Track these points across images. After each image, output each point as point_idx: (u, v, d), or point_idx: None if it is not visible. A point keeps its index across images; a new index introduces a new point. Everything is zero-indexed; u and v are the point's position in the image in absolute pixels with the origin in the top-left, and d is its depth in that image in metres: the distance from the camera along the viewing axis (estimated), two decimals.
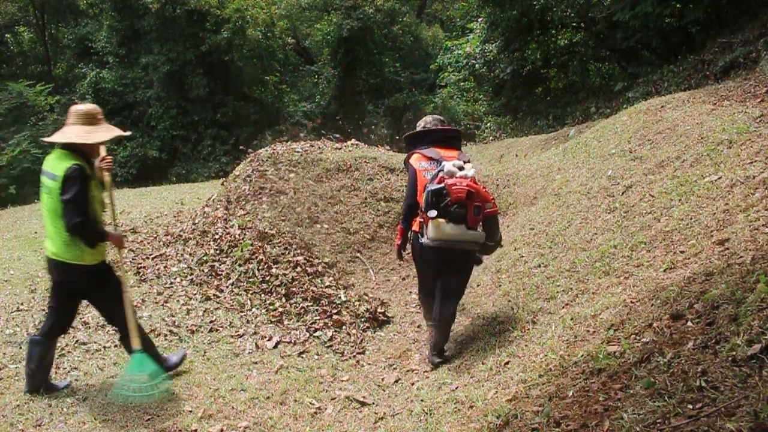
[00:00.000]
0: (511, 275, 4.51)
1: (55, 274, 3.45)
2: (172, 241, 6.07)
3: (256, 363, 4.08)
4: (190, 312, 4.75)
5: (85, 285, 3.47)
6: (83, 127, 3.44)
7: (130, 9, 17.56)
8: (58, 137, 3.44)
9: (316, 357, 4.23)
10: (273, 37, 18.41)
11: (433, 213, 3.39)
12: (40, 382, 3.46)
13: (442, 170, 3.53)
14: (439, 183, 3.45)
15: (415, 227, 3.72)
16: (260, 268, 5.23)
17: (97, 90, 17.30)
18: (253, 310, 4.87)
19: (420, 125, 4.02)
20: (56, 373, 3.72)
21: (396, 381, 3.70)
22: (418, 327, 4.54)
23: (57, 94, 19.09)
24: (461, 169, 3.56)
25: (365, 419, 3.26)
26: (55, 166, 3.35)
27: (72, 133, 3.41)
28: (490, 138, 14.05)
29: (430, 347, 3.85)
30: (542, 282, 3.96)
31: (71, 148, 3.40)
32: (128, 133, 4.03)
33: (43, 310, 4.48)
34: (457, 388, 3.23)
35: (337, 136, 9.00)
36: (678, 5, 9.58)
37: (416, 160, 3.77)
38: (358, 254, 5.96)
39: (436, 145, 3.80)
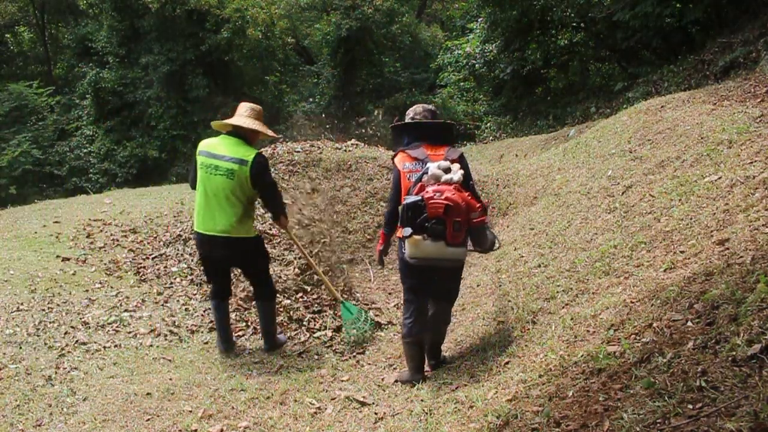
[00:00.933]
0: (511, 275, 4.51)
1: (220, 249, 3.83)
2: (172, 241, 6.07)
3: (256, 363, 4.08)
4: (190, 312, 4.75)
5: (235, 256, 3.93)
6: (255, 121, 3.92)
7: (130, 9, 17.57)
8: (242, 122, 3.87)
9: (316, 357, 4.23)
10: (273, 37, 18.42)
11: (407, 231, 3.12)
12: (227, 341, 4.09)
13: (426, 173, 3.22)
14: (418, 193, 3.14)
15: (399, 233, 3.34)
16: None
17: (97, 90, 17.31)
18: (254, 310, 4.87)
19: (408, 116, 3.60)
20: (56, 372, 3.72)
21: (396, 381, 3.70)
22: None
23: (57, 94, 19.10)
24: (448, 171, 3.24)
25: (365, 419, 3.26)
26: (237, 151, 3.77)
27: (253, 123, 3.89)
28: (490, 138, 14.05)
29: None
30: (542, 282, 3.96)
31: (242, 137, 3.86)
32: (279, 137, 4.70)
33: (43, 310, 4.49)
34: (457, 388, 3.23)
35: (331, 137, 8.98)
36: (678, 5, 9.58)
37: (401, 161, 3.43)
38: (358, 254, 5.96)
39: (423, 141, 3.45)
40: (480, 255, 5.49)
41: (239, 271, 4.75)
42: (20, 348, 3.96)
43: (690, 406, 1.89)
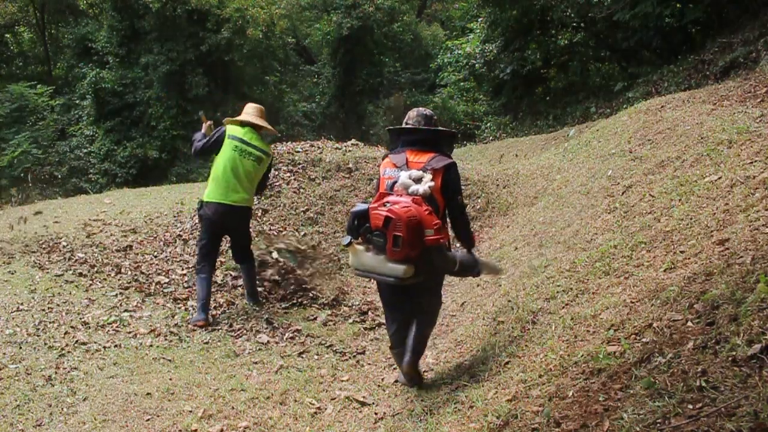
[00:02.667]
0: (511, 275, 4.51)
1: (235, 216, 4.61)
2: (171, 241, 6.07)
3: (256, 363, 4.08)
4: (190, 312, 4.75)
5: (240, 223, 4.72)
6: (264, 120, 4.81)
7: (130, 9, 17.56)
8: (259, 121, 4.74)
9: (316, 357, 4.23)
10: (273, 37, 18.42)
11: (345, 240, 3.07)
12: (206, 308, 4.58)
13: (397, 181, 3.13)
14: (376, 201, 3.04)
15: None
16: (261, 267, 5.23)
17: (97, 90, 17.30)
18: (255, 309, 4.87)
19: (405, 120, 3.50)
20: (56, 372, 3.72)
21: (396, 381, 3.70)
22: None
23: (57, 94, 19.09)
24: (419, 180, 3.10)
25: (365, 419, 3.26)
26: (262, 144, 4.73)
27: (264, 122, 4.78)
28: (490, 138, 14.04)
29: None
30: (542, 282, 3.96)
31: (258, 131, 4.75)
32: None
33: (43, 310, 4.49)
34: (457, 388, 3.23)
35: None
36: (678, 5, 9.58)
37: (383, 166, 3.36)
38: None
39: (410, 147, 3.32)
40: (480, 255, 5.50)
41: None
42: (20, 348, 3.96)
43: (690, 406, 1.89)
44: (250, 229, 5.08)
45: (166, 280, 5.30)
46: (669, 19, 9.68)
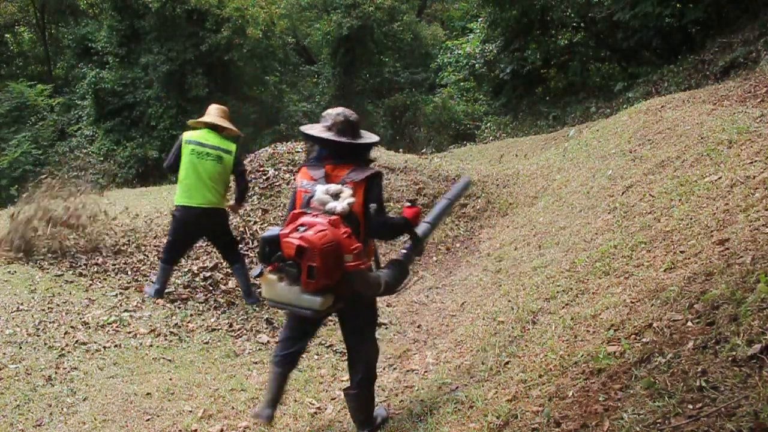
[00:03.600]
0: (511, 275, 4.51)
1: (206, 218, 4.71)
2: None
3: (256, 363, 4.07)
4: (189, 312, 4.75)
5: (215, 225, 4.81)
6: (226, 120, 4.88)
7: (130, 9, 17.56)
8: (217, 121, 4.81)
9: (316, 357, 4.23)
10: (273, 37, 18.41)
11: (255, 272, 2.70)
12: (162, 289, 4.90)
13: (313, 196, 2.73)
14: (290, 221, 2.65)
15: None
16: None
17: (97, 90, 17.30)
18: (254, 309, 4.87)
19: (324, 120, 2.94)
20: (56, 372, 3.72)
21: (396, 381, 3.70)
22: (418, 327, 4.54)
23: (57, 94, 19.09)
24: (337, 196, 2.72)
25: None
26: (223, 143, 4.77)
27: (225, 122, 4.85)
28: (490, 138, 14.05)
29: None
30: (542, 282, 3.96)
31: (219, 131, 4.82)
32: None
33: (43, 310, 4.49)
34: (457, 388, 3.23)
35: None
36: (678, 5, 9.59)
37: (299, 177, 2.93)
38: None
39: (325, 157, 2.89)
40: (480, 255, 5.50)
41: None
42: (20, 348, 3.96)
43: (690, 406, 1.89)
44: (229, 227, 5.15)
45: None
46: (669, 19, 9.69)
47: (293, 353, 3.01)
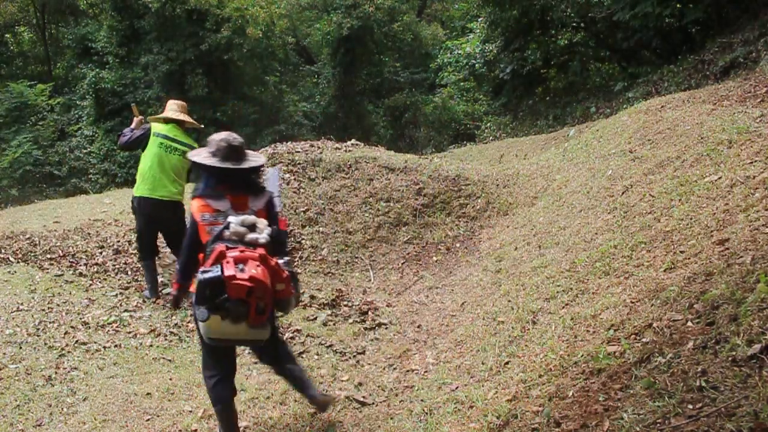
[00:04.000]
0: (511, 275, 4.51)
1: (168, 210, 4.86)
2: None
3: (256, 363, 4.07)
4: (189, 312, 4.75)
5: (175, 217, 4.91)
6: (186, 115, 5.04)
7: (130, 9, 17.55)
8: (181, 116, 4.98)
9: (316, 357, 4.22)
10: (273, 37, 18.40)
11: (203, 315, 2.58)
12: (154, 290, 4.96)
13: (228, 228, 2.70)
14: (216, 259, 2.58)
15: (193, 288, 2.66)
16: None
17: (97, 90, 17.29)
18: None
19: (212, 148, 2.90)
20: (56, 372, 3.72)
21: (396, 381, 3.70)
22: (418, 327, 4.54)
23: (57, 94, 19.08)
24: (253, 228, 2.72)
25: (365, 419, 3.26)
26: (187, 138, 4.97)
27: (186, 117, 5.03)
28: (490, 138, 14.05)
29: None
30: (542, 282, 3.96)
31: (181, 125, 4.99)
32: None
33: (43, 310, 4.49)
34: (457, 388, 3.23)
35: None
36: (678, 5, 9.58)
37: (198, 210, 2.84)
38: (358, 254, 5.96)
39: (219, 186, 2.86)
40: (480, 255, 5.51)
41: None
42: (20, 348, 3.96)
43: (690, 406, 1.89)
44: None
45: (166, 280, 5.30)
46: (669, 19, 9.69)
47: (233, 383, 3.06)
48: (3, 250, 5.62)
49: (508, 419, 2.48)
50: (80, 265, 5.43)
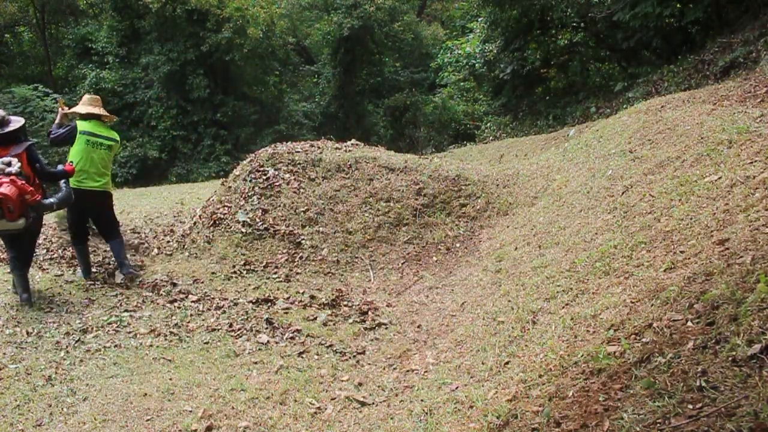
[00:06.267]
0: (511, 275, 4.51)
1: (98, 198, 5.25)
2: (172, 241, 6.07)
3: (256, 363, 4.07)
4: (189, 312, 4.75)
5: (105, 204, 5.36)
6: (102, 108, 5.40)
7: (130, 9, 17.57)
8: (99, 111, 5.34)
9: (316, 357, 4.22)
10: (273, 37, 18.42)
11: None
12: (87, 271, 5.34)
13: None
14: None
15: None
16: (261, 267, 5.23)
17: (98, 90, 17.29)
18: (254, 309, 4.87)
19: None
20: (56, 372, 3.72)
21: (396, 381, 3.70)
22: (418, 327, 4.54)
23: (57, 94, 19.09)
24: (9, 165, 4.37)
25: (365, 419, 3.26)
26: (110, 132, 5.39)
27: (101, 110, 5.37)
28: (490, 138, 14.06)
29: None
30: (542, 282, 3.96)
31: (100, 119, 5.36)
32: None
33: (43, 310, 4.49)
34: (457, 388, 3.23)
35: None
36: (678, 5, 9.58)
37: None
38: (358, 254, 5.96)
39: None
40: (480, 255, 5.50)
41: None
42: (20, 348, 3.96)
43: (690, 406, 1.89)
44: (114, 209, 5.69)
45: (166, 280, 5.30)
46: (669, 19, 9.69)
47: (20, 257, 4.66)
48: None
49: (508, 419, 2.48)
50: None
